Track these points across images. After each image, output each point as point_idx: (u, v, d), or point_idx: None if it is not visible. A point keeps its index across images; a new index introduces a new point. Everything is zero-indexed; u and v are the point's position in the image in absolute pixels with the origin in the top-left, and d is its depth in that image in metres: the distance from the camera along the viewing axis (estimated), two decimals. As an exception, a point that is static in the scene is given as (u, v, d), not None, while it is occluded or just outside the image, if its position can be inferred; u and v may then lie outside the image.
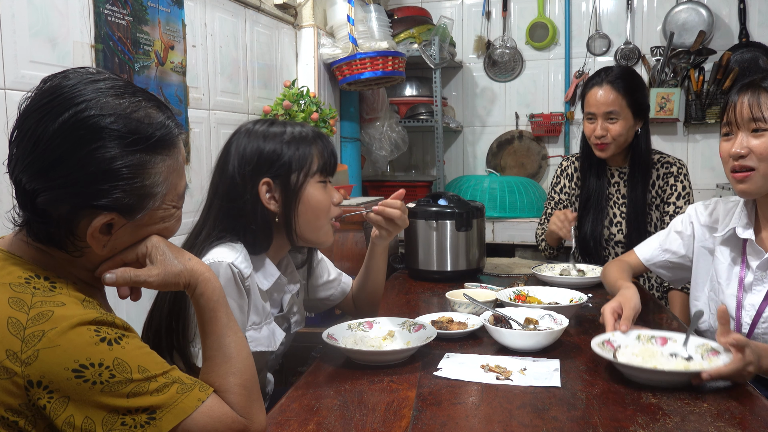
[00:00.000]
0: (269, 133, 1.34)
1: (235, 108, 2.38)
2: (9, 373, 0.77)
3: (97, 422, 0.80)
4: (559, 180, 2.38)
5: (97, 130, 0.83)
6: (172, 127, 0.91)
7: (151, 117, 0.88)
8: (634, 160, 2.18)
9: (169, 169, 0.91)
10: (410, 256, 2.17)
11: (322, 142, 1.38)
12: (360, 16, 2.83)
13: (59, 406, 0.78)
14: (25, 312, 0.80)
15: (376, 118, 3.35)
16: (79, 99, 0.84)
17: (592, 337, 1.46)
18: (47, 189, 0.83)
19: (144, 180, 0.87)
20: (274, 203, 1.32)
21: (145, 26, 1.86)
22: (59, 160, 0.83)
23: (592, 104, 2.13)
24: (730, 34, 3.51)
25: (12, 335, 0.78)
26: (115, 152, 0.84)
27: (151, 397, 0.82)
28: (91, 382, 0.79)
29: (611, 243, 2.23)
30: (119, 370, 0.81)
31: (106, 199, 0.85)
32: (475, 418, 1.04)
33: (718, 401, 1.10)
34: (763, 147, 1.37)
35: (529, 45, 3.84)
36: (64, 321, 0.80)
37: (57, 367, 0.78)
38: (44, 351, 0.78)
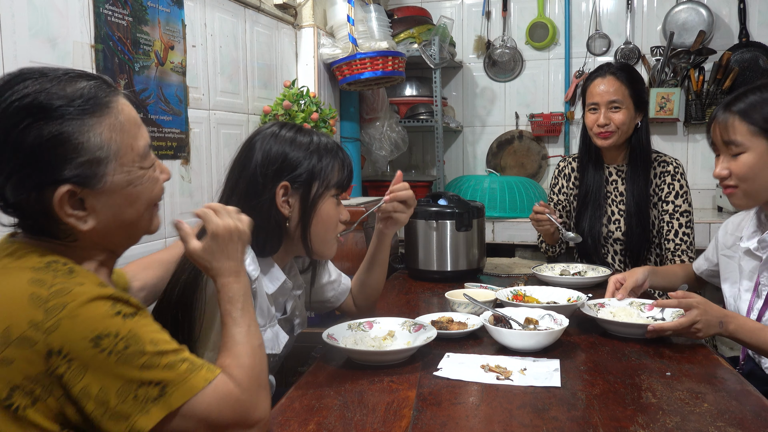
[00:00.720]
0: (296, 140, 1.34)
1: (235, 108, 2.38)
2: (30, 343, 0.81)
3: (112, 393, 0.83)
4: (557, 181, 2.39)
5: (20, 110, 0.86)
6: (97, 90, 0.92)
7: (72, 85, 0.90)
8: (635, 154, 2.19)
9: (109, 129, 0.91)
10: (410, 256, 2.17)
11: (343, 157, 1.39)
12: (360, 16, 2.83)
13: (77, 374, 0.82)
14: (47, 288, 0.84)
15: (376, 118, 3.35)
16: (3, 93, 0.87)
17: (592, 336, 1.47)
18: (6, 181, 0.88)
19: (83, 144, 0.88)
20: (287, 208, 1.32)
21: (145, 26, 1.86)
22: (3, 147, 0.86)
23: (596, 94, 2.15)
24: (730, 34, 3.51)
25: (34, 308, 0.82)
26: (42, 126, 0.86)
27: (162, 371, 0.86)
28: (108, 351, 0.83)
29: (610, 240, 2.24)
30: (133, 342, 0.85)
31: (55, 171, 0.87)
32: (475, 418, 1.04)
33: (718, 401, 1.10)
34: (738, 168, 1.45)
35: (529, 45, 3.84)
36: (83, 295, 0.84)
37: (77, 336, 0.82)
38: (65, 320, 0.82)
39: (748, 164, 1.43)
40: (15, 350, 0.81)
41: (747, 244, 1.53)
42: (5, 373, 0.82)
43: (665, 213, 2.17)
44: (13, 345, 0.81)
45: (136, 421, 0.84)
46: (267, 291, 1.32)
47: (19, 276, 0.87)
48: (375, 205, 1.53)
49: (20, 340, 0.81)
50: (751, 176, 1.44)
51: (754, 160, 1.43)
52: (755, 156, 1.43)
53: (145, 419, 0.84)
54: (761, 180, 1.44)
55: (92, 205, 0.92)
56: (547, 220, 2.12)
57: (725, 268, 1.68)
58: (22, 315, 0.82)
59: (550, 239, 2.29)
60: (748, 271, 1.56)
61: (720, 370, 1.26)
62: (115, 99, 0.94)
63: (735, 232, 1.66)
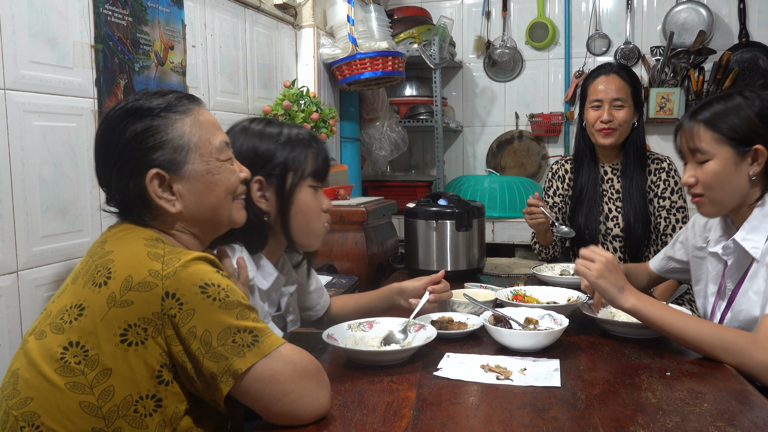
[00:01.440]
0: (265, 133, 1.33)
1: (235, 108, 2.38)
2: (150, 286, 0.96)
3: (214, 335, 0.97)
4: (551, 183, 2.39)
5: (121, 114, 1.09)
6: (181, 97, 1.13)
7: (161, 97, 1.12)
8: (630, 152, 2.21)
9: (191, 124, 1.10)
10: (410, 256, 2.17)
11: (317, 146, 1.38)
12: (360, 16, 2.83)
13: (186, 316, 0.96)
14: (161, 249, 1.02)
15: (376, 118, 3.35)
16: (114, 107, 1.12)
17: (592, 336, 1.47)
18: (111, 172, 1.08)
19: (168, 134, 1.08)
20: (264, 202, 1.32)
21: (145, 26, 1.86)
22: (109, 144, 1.08)
23: (600, 91, 2.18)
24: (730, 34, 3.52)
25: (153, 261, 0.99)
26: (137, 122, 1.07)
27: (253, 322, 1.00)
28: (212, 298, 0.97)
29: (608, 238, 2.24)
30: (231, 294, 1.00)
31: (147, 157, 1.06)
32: (475, 418, 1.04)
33: (718, 401, 1.10)
34: (704, 176, 1.46)
35: (529, 45, 3.84)
36: (191, 255, 1.01)
37: (189, 282, 0.97)
38: (180, 269, 0.98)
39: (713, 171, 1.44)
40: (135, 294, 0.96)
41: (714, 249, 1.54)
42: (123, 313, 0.96)
43: (662, 209, 2.18)
44: (134, 289, 0.96)
45: (233, 362, 0.96)
46: (261, 287, 1.32)
47: (135, 242, 1.04)
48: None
49: (141, 285, 0.96)
50: (717, 183, 1.45)
51: (719, 168, 1.44)
52: (720, 163, 1.44)
53: (241, 361, 0.97)
54: (726, 187, 1.45)
55: (179, 190, 1.09)
56: (541, 214, 2.12)
57: (696, 269, 1.70)
58: (143, 266, 0.98)
59: (544, 239, 2.29)
60: (714, 274, 1.57)
61: (720, 370, 1.26)
62: (197, 105, 1.14)
63: (703, 232, 1.67)
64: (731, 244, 1.47)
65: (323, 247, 2.33)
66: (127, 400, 0.96)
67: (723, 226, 1.56)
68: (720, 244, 1.52)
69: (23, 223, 1.46)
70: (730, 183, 1.44)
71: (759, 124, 1.41)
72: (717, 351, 1.29)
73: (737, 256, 1.47)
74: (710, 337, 1.29)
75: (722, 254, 1.50)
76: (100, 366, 0.96)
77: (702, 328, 1.31)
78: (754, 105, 1.43)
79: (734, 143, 1.43)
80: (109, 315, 0.96)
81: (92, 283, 0.99)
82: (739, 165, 1.43)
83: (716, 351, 1.29)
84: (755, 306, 1.41)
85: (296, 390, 1.01)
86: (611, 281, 1.41)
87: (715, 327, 1.32)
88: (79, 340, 0.97)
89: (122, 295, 0.96)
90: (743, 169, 1.43)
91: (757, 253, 1.41)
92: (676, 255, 1.80)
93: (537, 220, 2.16)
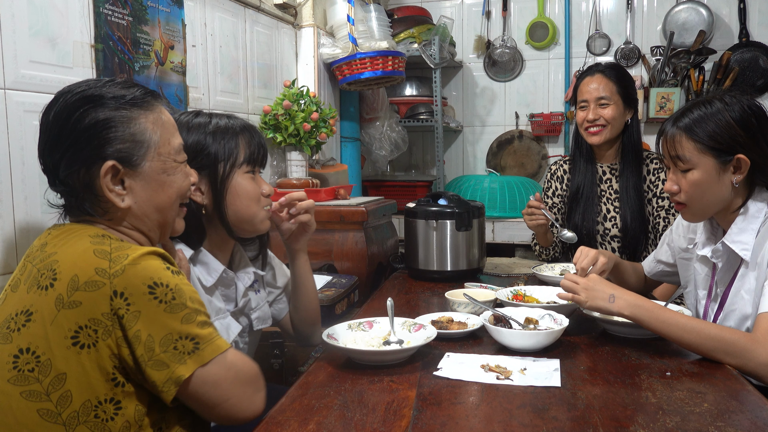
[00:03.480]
0: (193, 124, 1.33)
1: (235, 108, 2.38)
2: (97, 285, 0.94)
3: (157, 341, 0.96)
4: (550, 184, 2.40)
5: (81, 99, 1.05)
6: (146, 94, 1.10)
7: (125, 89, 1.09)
8: (626, 151, 2.22)
9: (153, 122, 1.09)
10: (410, 256, 2.17)
11: (249, 134, 1.37)
12: (360, 16, 2.83)
13: (133, 318, 0.94)
14: (108, 246, 0.99)
15: (376, 117, 3.35)
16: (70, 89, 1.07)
17: (592, 336, 1.47)
18: (61, 157, 1.03)
19: (131, 128, 1.05)
20: (200, 195, 1.32)
21: (145, 26, 1.86)
22: (63, 128, 1.03)
23: (585, 92, 2.20)
24: (730, 34, 3.51)
25: (100, 258, 0.96)
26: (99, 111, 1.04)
27: (197, 328, 0.99)
28: (159, 300, 0.96)
29: (607, 238, 2.24)
30: (178, 295, 0.98)
31: (103, 148, 1.03)
32: (475, 418, 1.04)
33: (719, 401, 1.10)
34: (686, 185, 1.45)
35: (529, 45, 3.84)
36: (141, 250, 0.99)
37: (137, 281, 0.95)
38: (129, 267, 0.95)
39: (695, 182, 1.43)
40: (83, 294, 0.94)
41: (703, 252, 1.54)
42: (73, 315, 0.94)
43: (661, 209, 2.18)
44: (81, 289, 0.94)
45: (175, 370, 0.96)
46: (205, 283, 1.31)
47: (80, 240, 1.01)
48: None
49: (88, 284, 0.94)
50: (699, 194, 1.44)
51: (701, 178, 1.42)
52: (702, 173, 1.42)
53: (182, 368, 0.97)
54: (708, 197, 1.44)
55: (130, 185, 1.07)
56: (541, 215, 2.13)
57: (684, 271, 1.70)
58: (89, 264, 0.95)
59: (544, 239, 2.29)
60: (704, 276, 1.57)
61: (720, 370, 1.26)
62: (160, 103, 1.13)
63: (687, 233, 1.67)
64: (720, 247, 1.46)
65: (323, 247, 2.33)
66: (86, 405, 0.94)
67: (709, 228, 1.56)
68: (708, 247, 1.52)
69: (23, 223, 1.46)
70: (713, 192, 1.43)
71: (740, 132, 1.39)
72: (717, 353, 1.28)
73: (727, 259, 1.47)
74: (709, 339, 1.29)
75: (712, 257, 1.50)
76: (54, 371, 0.93)
77: (701, 330, 1.30)
78: (734, 111, 1.40)
79: (716, 153, 1.41)
80: (58, 318, 0.94)
81: (37, 286, 0.96)
82: (722, 174, 1.42)
83: (716, 353, 1.28)
84: (748, 304, 1.41)
85: (237, 395, 1.03)
86: (599, 296, 1.40)
87: (714, 328, 1.31)
88: (29, 347, 0.94)
89: (70, 296, 0.94)
90: (726, 177, 1.42)
91: (747, 254, 1.41)
92: (663, 257, 1.80)
93: (537, 222, 2.16)
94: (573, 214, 2.27)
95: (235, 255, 1.44)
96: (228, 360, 1.02)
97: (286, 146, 2.56)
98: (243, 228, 1.37)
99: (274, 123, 2.49)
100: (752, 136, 1.40)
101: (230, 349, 1.04)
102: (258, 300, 1.50)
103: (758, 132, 1.40)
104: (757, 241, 1.41)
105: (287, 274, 1.60)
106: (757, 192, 1.45)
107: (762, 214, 1.42)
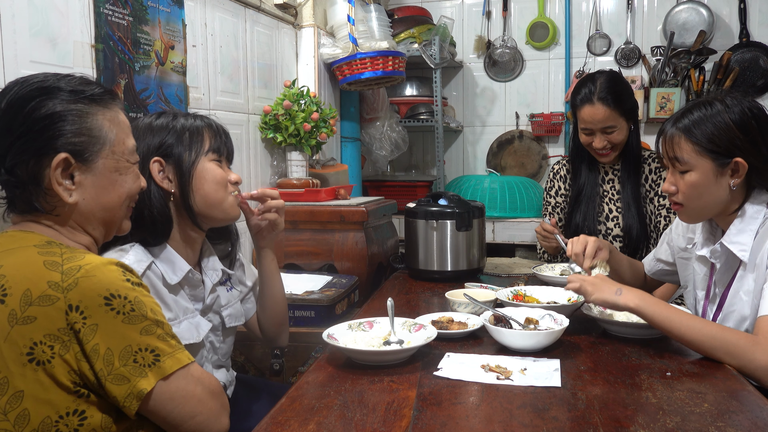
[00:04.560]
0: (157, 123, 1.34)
1: (236, 108, 2.38)
2: (51, 300, 0.91)
3: (116, 354, 0.93)
4: (553, 184, 2.39)
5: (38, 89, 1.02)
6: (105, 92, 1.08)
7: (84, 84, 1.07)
8: (626, 155, 2.21)
9: (110, 120, 1.07)
10: (410, 256, 2.17)
11: (214, 126, 1.40)
12: (360, 16, 2.83)
13: (90, 332, 0.92)
14: (58, 257, 0.95)
15: (376, 117, 3.35)
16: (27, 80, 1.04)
17: (592, 336, 1.47)
18: (10, 146, 0.99)
19: (88, 123, 1.04)
20: (168, 182, 1.32)
21: (146, 26, 1.86)
22: (16, 116, 1.00)
23: (588, 121, 2.13)
24: (730, 34, 3.51)
25: (51, 271, 0.93)
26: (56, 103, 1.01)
27: (157, 340, 0.97)
28: (116, 311, 0.93)
29: (608, 238, 2.24)
30: (138, 307, 0.96)
31: (56, 141, 1.00)
32: (475, 418, 1.04)
33: (719, 401, 1.10)
34: (684, 187, 1.45)
35: (529, 45, 3.84)
36: (96, 259, 0.96)
37: (92, 293, 0.92)
38: (83, 279, 0.92)
39: (692, 183, 1.43)
40: (37, 308, 0.91)
41: (701, 252, 1.54)
42: (28, 331, 0.90)
43: (662, 208, 2.18)
44: (35, 304, 0.91)
45: (135, 384, 0.94)
46: (169, 281, 1.30)
47: (26, 251, 0.97)
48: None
49: (41, 299, 0.91)
50: (696, 195, 1.44)
51: (699, 180, 1.42)
52: (700, 175, 1.42)
53: (143, 382, 0.94)
54: (706, 199, 1.44)
55: (80, 181, 1.04)
56: (554, 240, 2.09)
57: (683, 270, 1.70)
58: (40, 277, 0.92)
59: (552, 251, 2.28)
60: (702, 276, 1.57)
61: (720, 370, 1.26)
62: (118, 103, 1.11)
63: (686, 233, 1.68)
64: (719, 248, 1.46)
65: (323, 247, 2.33)
66: (45, 422, 0.91)
67: (708, 228, 1.56)
68: (707, 248, 1.52)
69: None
70: (710, 194, 1.43)
71: (739, 135, 1.39)
72: (718, 352, 1.28)
73: (725, 259, 1.47)
74: (711, 338, 1.29)
75: (710, 258, 1.50)
76: (11, 389, 0.90)
77: (702, 328, 1.30)
78: (734, 114, 1.39)
79: (714, 155, 1.40)
80: (12, 334, 0.90)
81: None
82: (719, 177, 1.41)
83: (717, 352, 1.28)
84: (746, 306, 1.41)
85: (202, 412, 1.01)
86: (607, 291, 1.40)
87: (717, 327, 1.31)
88: None
89: (23, 312, 0.90)
90: (723, 180, 1.42)
91: (746, 255, 1.41)
92: (663, 256, 1.81)
93: (550, 244, 2.13)
94: (575, 214, 2.27)
95: (204, 252, 1.44)
96: (191, 374, 1.00)
97: (287, 146, 2.56)
98: (212, 215, 1.36)
99: (275, 123, 2.49)
100: (751, 139, 1.39)
101: (193, 363, 1.02)
102: (229, 297, 1.49)
103: (758, 135, 1.39)
104: (756, 242, 1.40)
105: (256, 274, 1.60)
106: (756, 194, 1.44)
107: (761, 216, 1.42)
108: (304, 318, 1.90)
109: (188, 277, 1.35)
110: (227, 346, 1.49)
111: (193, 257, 1.40)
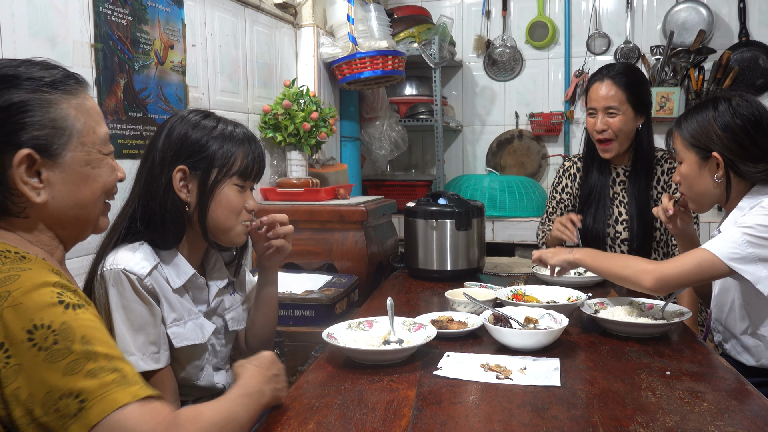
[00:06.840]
0: (200, 124, 1.32)
1: (235, 107, 2.38)
2: None
3: (37, 401, 0.79)
4: (560, 180, 2.36)
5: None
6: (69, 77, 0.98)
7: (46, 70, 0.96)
8: (637, 156, 2.17)
9: (76, 108, 0.97)
10: (410, 255, 2.17)
11: (249, 146, 1.36)
12: (360, 16, 2.83)
13: (12, 374, 0.79)
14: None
15: (375, 117, 3.35)
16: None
17: (592, 336, 1.47)
18: None
19: (50, 113, 0.93)
20: (185, 192, 1.31)
21: (145, 25, 1.86)
22: None
23: (593, 99, 2.13)
24: (730, 34, 3.51)
25: None
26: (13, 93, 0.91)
27: (84, 379, 0.80)
28: (38, 347, 0.79)
29: (617, 241, 2.22)
30: (62, 336, 0.81)
31: (18, 135, 0.91)
32: (475, 418, 1.04)
33: (718, 400, 1.10)
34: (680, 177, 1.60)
35: (529, 44, 3.84)
36: (29, 281, 0.83)
37: (16, 326, 0.79)
38: (8, 310, 0.80)
39: (683, 174, 1.58)
40: None
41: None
42: None
43: None
44: None
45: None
46: (173, 285, 1.30)
47: None
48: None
49: None
50: (687, 185, 1.59)
51: (687, 171, 1.57)
52: (687, 167, 1.57)
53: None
54: (696, 189, 1.57)
55: (48, 178, 0.94)
56: (573, 233, 2.07)
57: None
58: None
59: (553, 244, 2.27)
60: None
61: (720, 369, 1.26)
62: (84, 89, 1.00)
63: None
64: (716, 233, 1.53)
65: (323, 247, 2.33)
66: None
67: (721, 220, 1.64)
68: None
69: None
70: (699, 185, 1.56)
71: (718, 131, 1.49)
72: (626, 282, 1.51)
73: None
74: (623, 267, 1.51)
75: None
76: None
77: (619, 261, 1.56)
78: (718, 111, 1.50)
79: (696, 149, 1.53)
80: None
81: None
82: (703, 169, 1.54)
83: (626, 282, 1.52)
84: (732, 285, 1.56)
85: None
86: (563, 253, 1.64)
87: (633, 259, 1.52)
88: None
89: None
90: (707, 173, 1.53)
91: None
92: None
93: (563, 236, 2.11)
94: (584, 216, 2.22)
95: (211, 256, 1.44)
96: (127, 418, 0.80)
97: (286, 146, 2.56)
98: (218, 237, 1.36)
99: (274, 122, 2.49)
100: (734, 136, 1.47)
101: (133, 404, 0.81)
102: (232, 301, 1.49)
103: (742, 133, 1.47)
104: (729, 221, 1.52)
105: (253, 282, 1.60)
106: (757, 189, 1.50)
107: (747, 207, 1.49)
108: (304, 317, 1.90)
109: (192, 281, 1.35)
110: (227, 351, 1.49)
111: (197, 260, 1.40)
